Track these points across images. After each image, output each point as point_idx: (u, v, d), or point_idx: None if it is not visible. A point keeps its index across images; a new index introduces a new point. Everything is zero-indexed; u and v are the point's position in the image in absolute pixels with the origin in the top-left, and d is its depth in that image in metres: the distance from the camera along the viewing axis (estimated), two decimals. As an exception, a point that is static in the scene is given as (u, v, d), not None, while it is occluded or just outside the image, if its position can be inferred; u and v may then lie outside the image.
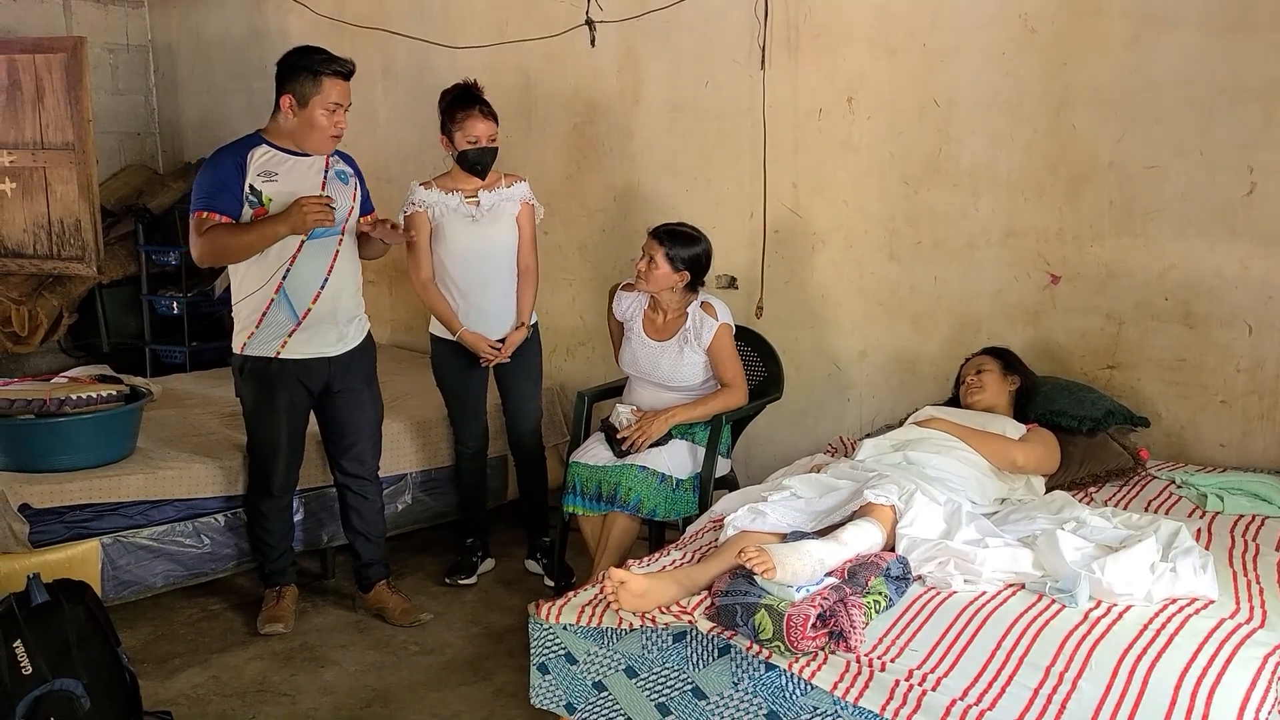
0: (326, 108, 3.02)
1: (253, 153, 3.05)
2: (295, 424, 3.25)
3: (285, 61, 3.06)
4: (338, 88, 3.03)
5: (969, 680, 2.02)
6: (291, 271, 3.07)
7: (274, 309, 3.09)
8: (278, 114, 3.07)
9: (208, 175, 3.04)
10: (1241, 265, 3.16)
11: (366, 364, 3.32)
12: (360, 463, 3.37)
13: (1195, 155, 3.17)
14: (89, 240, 5.10)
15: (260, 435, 3.25)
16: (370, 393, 3.35)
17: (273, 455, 3.24)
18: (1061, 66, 3.34)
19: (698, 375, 3.37)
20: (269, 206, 3.02)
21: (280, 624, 3.34)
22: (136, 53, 6.02)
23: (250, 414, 3.25)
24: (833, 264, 3.87)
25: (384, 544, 3.51)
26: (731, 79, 3.95)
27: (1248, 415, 3.23)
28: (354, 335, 3.25)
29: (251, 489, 3.37)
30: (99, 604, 2.73)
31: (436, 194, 3.51)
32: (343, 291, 3.18)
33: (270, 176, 3.04)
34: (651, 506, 3.18)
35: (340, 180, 3.17)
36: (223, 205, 3.00)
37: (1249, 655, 2.09)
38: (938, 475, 2.80)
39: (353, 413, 3.30)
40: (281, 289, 3.08)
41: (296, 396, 3.20)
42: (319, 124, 3.03)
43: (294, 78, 3.02)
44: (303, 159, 3.10)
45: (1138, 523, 2.61)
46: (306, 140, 3.07)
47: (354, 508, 3.41)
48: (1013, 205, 3.49)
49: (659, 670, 2.27)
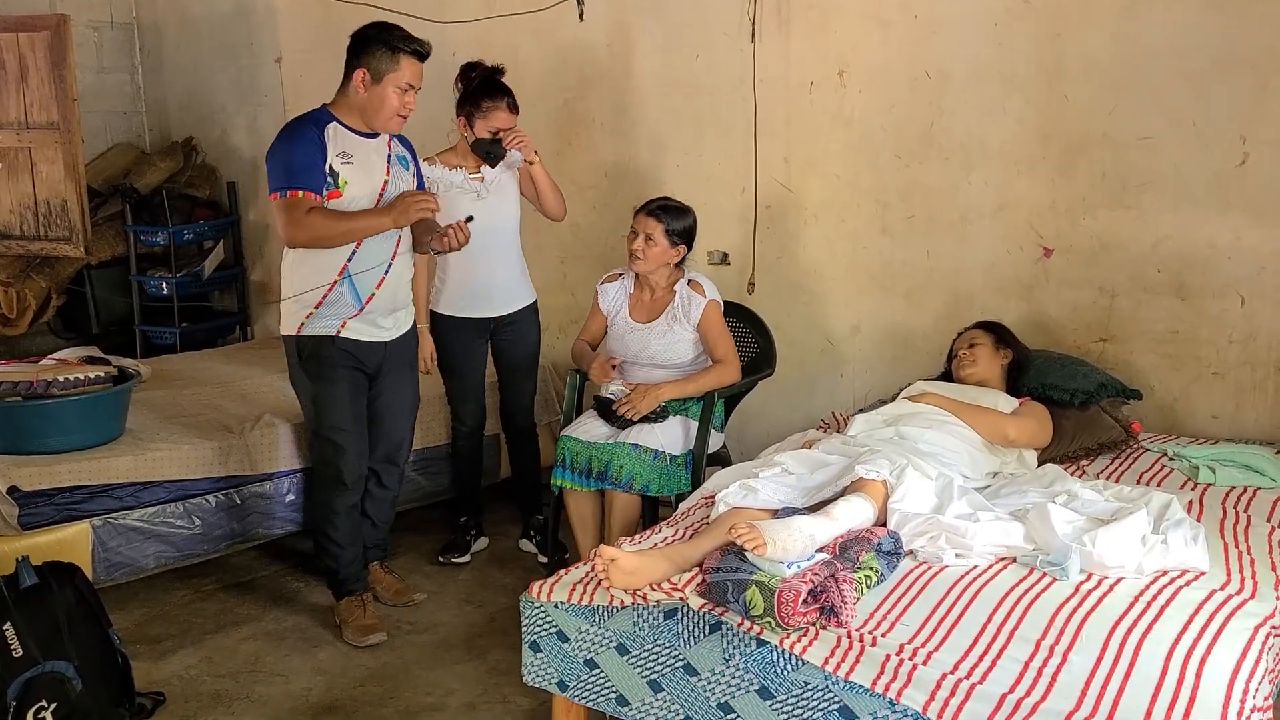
0: (400, 86, 2.93)
1: (329, 129, 2.96)
2: (359, 405, 3.13)
3: (361, 34, 2.97)
4: (413, 68, 2.95)
5: (960, 654, 2.02)
6: (357, 255, 2.99)
7: (337, 291, 3.00)
8: (347, 87, 2.97)
9: (290, 150, 2.92)
10: (1234, 236, 3.15)
11: (410, 350, 3.28)
12: (398, 449, 3.31)
13: (1189, 126, 3.15)
14: (76, 221, 5.06)
15: (328, 420, 3.09)
16: (410, 379, 3.30)
17: (343, 440, 3.10)
18: (1054, 37, 3.31)
19: (688, 352, 3.35)
20: (343, 190, 2.94)
21: (380, 632, 3.15)
22: (121, 30, 5.94)
23: (315, 398, 3.10)
24: (825, 239, 3.85)
25: (389, 530, 3.48)
26: (722, 52, 3.91)
27: (1240, 387, 3.22)
28: (404, 321, 3.21)
29: (322, 485, 3.23)
30: (89, 586, 2.73)
31: (441, 170, 3.48)
32: (401, 279, 3.14)
33: (347, 158, 2.95)
34: (644, 483, 3.18)
35: (401, 165, 3.11)
36: (312, 183, 2.90)
37: (1239, 626, 2.09)
38: (930, 450, 2.79)
39: (394, 399, 3.23)
40: (346, 272, 2.99)
41: (356, 377, 3.11)
42: (390, 102, 2.94)
43: (370, 52, 2.93)
44: (369, 140, 3.03)
45: (1129, 495, 2.61)
46: (375, 118, 2.97)
47: (373, 494, 3.35)
48: (1005, 178, 3.47)
49: (650, 647, 2.27)
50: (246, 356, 4.59)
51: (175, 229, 5.35)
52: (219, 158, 5.79)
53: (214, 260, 5.57)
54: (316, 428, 3.16)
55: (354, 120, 3.00)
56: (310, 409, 3.16)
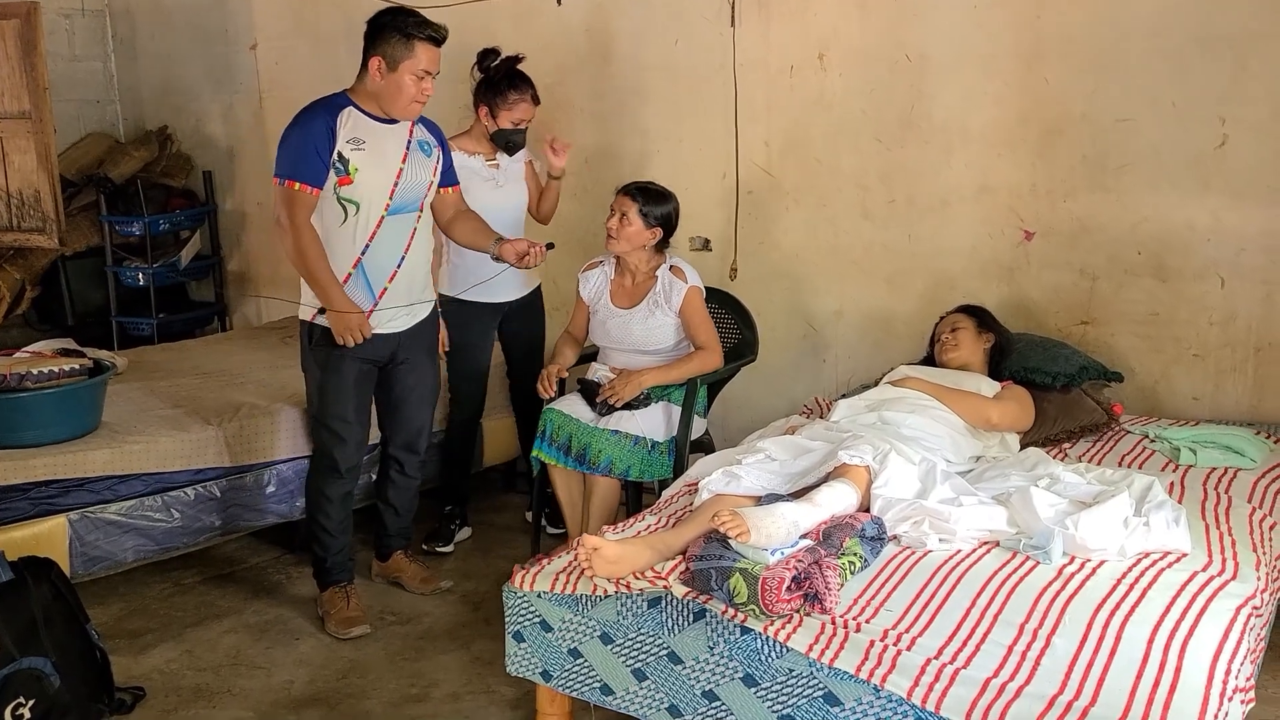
0: (416, 73, 2.90)
1: (342, 115, 2.93)
2: (364, 397, 3.15)
3: (376, 21, 2.93)
4: (429, 53, 2.91)
5: (944, 639, 2.02)
6: (370, 248, 2.98)
7: (350, 284, 2.99)
8: (364, 75, 2.95)
9: (297, 136, 2.91)
10: (1213, 218, 3.16)
11: (429, 337, 3.26)
12: (417, 436, 3.30)
13: (1167, 107, 3.15)
14: (49, 211, 4.99)
15: (329, 409, 3.10)
16: (430, 365, 3.28)
17: (343, 430, 3.10)
18: (1034, 19, 3.30)
19: (670, 338, 3.34)
20: (354, 177, 2.92)
21: (363, 624, 3.14)
22: (93, 18, 5.86)
23: (319, 386, 3.10)
24: (806, 223, 3.84)
25: (412, 519, 3.46)
26: (702, 36, 3.89)
27: (1220, 368, 3.24)
28: (421, 309, 3.17)
29: (316, 471, 3.23)
30: (66, 581, 2.70)
31: (460, 156, 3.47)
32: (417, 270, 3.11)
33: (359, 144, 2.93)
34: (624, 468, 3.17)
35: (422, 151, 3.07)
36: (309, 175, 2.89)
37: (1221, 607, 2.10)
38: (912, 434, 2.79)
39: (413, 385, 3.22)
40: (360, 265, 2.98)
41: (365, 368, 3.10)
42: (406, 89, 2.91)
43: (384, 39, 2.90)
44: (388, 126, 2.99)
45: (1111, 478, 2.61)
46: (392, 105, 2.94)
47: (395, 482, 3.35)
48: (985, 161, 3.46)
49: (634, 636, 2.26)
50: (225, 348, 4.53)
51: (151, 219, 5.29)
52: (194, 146, 5.72)
53: (191, 250, 5.51)
54: (318, 415, 3.16)
55: (373, 107, 2.98)
56: (315, 395, 3.16)
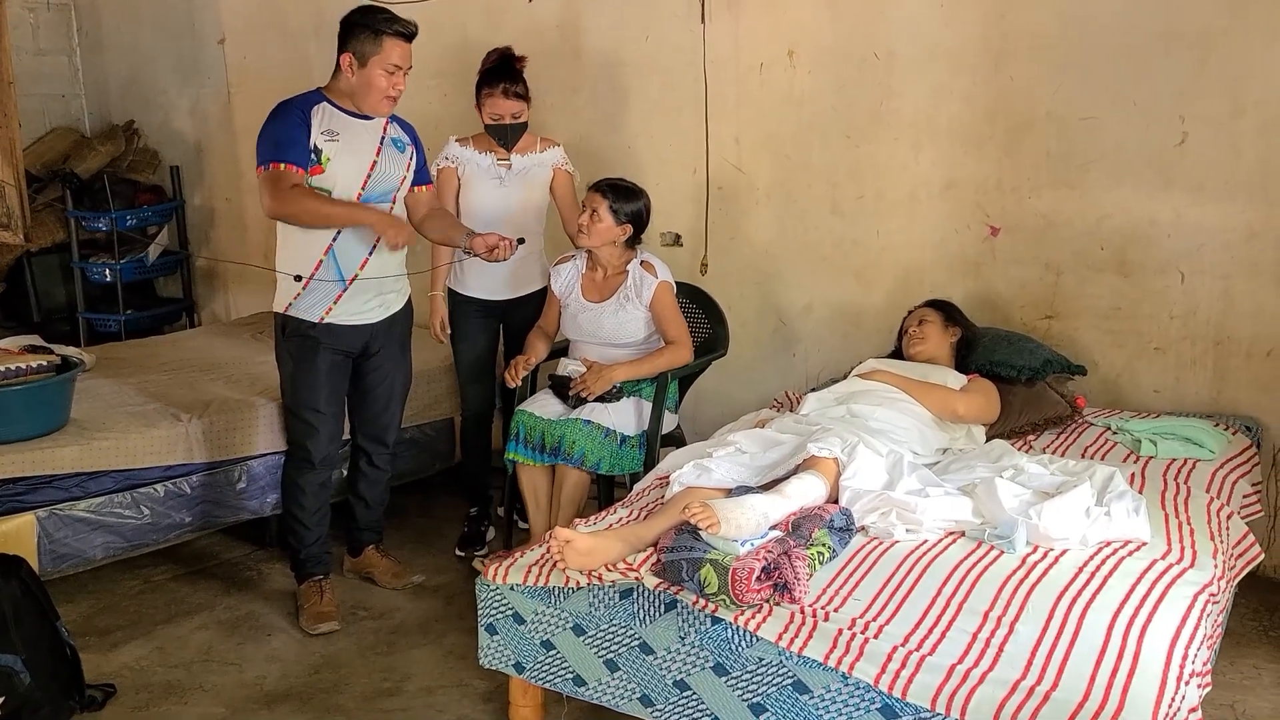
0: (386, 69, 2.93)
1: (316, 108, 2.97)
2: (337, 387, 3.17)
3: (347, 20, 2.97)
4: (399, 49, 2.95)
5: (910, 626, 2.05)
6: (342, 234, 3.01)
7: (323, 270, 3.02)
8: (338, 73, 2.98)
9: (274, 127, 2.95)
10: (1174, 213, 3.21)
11: (403, 330, 3.27)
12: (385, 429, 3.33)
13: (1130, 105, 3.21)
14: (14, 207, 4.92)
15: (302, 399, 3.13)
16: (403, 359, 3.30)
17: (315, 420, 3.13)
18: (1000, 17, 3.34)
19: (640, 331, 3.36)
20: (325, 166, 2.95)
21: (333, 621, 3.15)
22: (58, 11, 5.80)
23: (291, 376, 3.13)
24: (776, 219, 3.87)
25: (382, 512, 3.48)
26: (672, 33, 3.90)
27: (1180, 361, 3.30)
28: (395, 301, 3.20)
29: (290, 462, 3.25)
30: (35, 578, 2.69)
31: (470, 151, 3.50)
32: (390, 259, 3.13)
33: (333, 136, 2.97)
34: (595, 460, 3.18)
35: (396, 148, 3.10)
36: (295, 157, 2.92)
37: (1179, 594, 2.15)
38: (880, 427, 2.83)
39: (383, 377, 3.24)
40: (331, 250, 3.02)
41: (337, 359, 3.13)
42: (376, 85, 2.94)
43: (355, 36, 2.94)
44: (363, 121, 3.02)
45: (1074, 469, 2.66)
46: (364, 101, 2.98)
47: (365, 474, 3.37)
48: (953, 157, 3.50)
49: (606, 627, 2.28)
50: (194, 343, 4.51)
51: (118, 214, 5.24)
52: (162, 141, 5.67)
53: (159, 246, 5.46)
54: (291, 405, 3.18)
55: (347, 103, 3.01)
56: (288, 386, 3.17)
